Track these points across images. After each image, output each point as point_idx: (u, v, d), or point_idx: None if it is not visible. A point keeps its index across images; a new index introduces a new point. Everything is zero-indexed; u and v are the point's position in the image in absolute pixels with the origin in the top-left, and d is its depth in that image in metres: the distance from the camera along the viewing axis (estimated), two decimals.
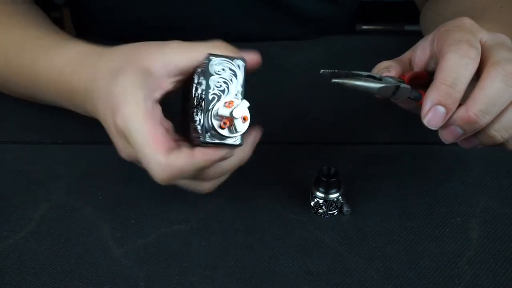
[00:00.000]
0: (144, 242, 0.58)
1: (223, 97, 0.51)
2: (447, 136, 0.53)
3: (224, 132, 0.51)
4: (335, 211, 0.60)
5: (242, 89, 0.52)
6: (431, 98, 0.50)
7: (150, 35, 0.55)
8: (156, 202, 0.61)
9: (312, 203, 0.60)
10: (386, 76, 0.54)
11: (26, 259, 0.56)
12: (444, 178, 0.64)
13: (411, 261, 0.56)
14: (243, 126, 0.51)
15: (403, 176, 0.64)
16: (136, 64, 0.53)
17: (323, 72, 0.52)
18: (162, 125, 0.52)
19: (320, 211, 0.60)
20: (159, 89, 0.53)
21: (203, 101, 0.51)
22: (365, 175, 0.64)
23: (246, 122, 0.51)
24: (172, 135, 0.54)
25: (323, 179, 0.59)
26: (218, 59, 0.52)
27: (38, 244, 0.57)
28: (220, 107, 0.50)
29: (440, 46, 0.52)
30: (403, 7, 1.19)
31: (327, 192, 0.59)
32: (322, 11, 0.89)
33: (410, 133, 0.69)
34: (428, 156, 0.67)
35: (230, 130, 0.51)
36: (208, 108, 0.51)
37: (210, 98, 0.51)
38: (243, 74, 0.52)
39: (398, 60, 0.57)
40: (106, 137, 0.56)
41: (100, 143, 0.66)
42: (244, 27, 0.86)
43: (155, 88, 0.53)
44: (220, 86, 0.51)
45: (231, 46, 0.54)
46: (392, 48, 0.64)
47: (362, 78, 0.52)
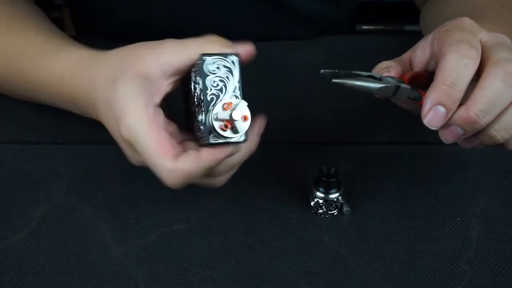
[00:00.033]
0: (144, 242, 0.58)
1: (222, 96, 0.51)
2: (448, 136, 0.53)
3: (226, 133, 0.50)
4: (335, 211, 0.60)
5: (239, 84, 0.52)
6: (431, 98, 0.50)
7: (150, 35, 0.55)
8: (156, 202, 0.61)
9: (312, 203, 0.60)
10: (386, 76, 0.54)
11: (26, 259, 0.56)
12: (444, 178, 0.64)
13: (411, 261, 0.56)
14: (244, 126, 0.51)
15: (403, 176, 0.64)
16: (133, 70, 0.53)
17: (323, 72, 0.52)
18: (166, 130, 0.52)
19: (320, 211, 0.60)
20: (158, 93, 0.53)
21: (203, 102, 0.51)
22: (365, 175, 0.64)
23: (247, 121, 0.51)
24: (177, 136, 0.54)
25: (323, 179, 0.59)
26: (212, 58, 0.51)
27: (38, 244, 0.57)
28: (219, 110, 0.50)
29: (440, 46, 0.52)
30: (403, 7, 1.19)
31: (327, 192, 0.59)
32: (322, 11, 0.89)
33: (410, 133, 0.69)
34: (428, 156, 0.67)
35: (232, 131, 0.51)
36: (208, 109, 0.51)
37: (209, 99, 0.51)
38: (238, 69, 0.52)
39: (398, 60, 0.57)
40: (106, 137, 0.56)
41: (100, 143, 0.66)
42: (244, 27, 0.86)
43: (154, 92, 0.53)
44: (217, 85, 0.51)
45: (225, 40, 0.53)
46: (392, 48, 0.64)
47: (362, 78, 0.52)
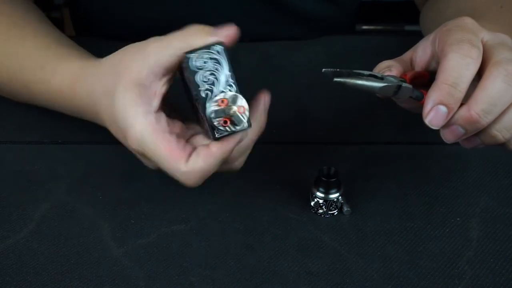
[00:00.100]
0: (144, 242, 0.58)
1: (215, 89, 0.51)
2: (449, 136, 0.53)
3: (227, 128, 0.51)
4: (335, 211, 0.60)
5: (230, 73, 0.51)
6: (433, 97, 0.50)
7: (150, 35, 0.55)
8: (156, 202, 0.61)
9: (312, 203, 0.60)
10: (388, 75, 0.54)
11: (26, 259, 0.56)
12: (444, 178, 0.64)
13: (411, 261, 0.56)
14: (243, 116, 0.50)
15: (403, 176, 0.64)
16: (126, 80, 0.53)
17: (325, 71, 0.52)
18: (172, 133, 0.52)
19: (320, 211, 0.60)
20: (154, 97, 0.53)
21: (199, 99, 0.51)
22: (365, 175, 0.64)
23: (245, 112, 0.51)
24: (184, 135, 0.55)
25: (323, 179, 0.59)
26: (195, 54, 0.50)
27: (38, 244, 0.57)
28: (214, 108, 0.50)
29: (442, 46, 0.52)
30: (403, 7, 1.19)
31: (327, 192, 0.59)
32: (322, 11, 0.89)
33: (410, 133, 0.69)
34: (428, 156, 0.67)
35: (232, 124, 0.50)
36: (205, 106, 0.51)
37: (204, 95, 0.51)
38: (225, 58, 0.51)
39: (399, 59, 0.57)
40: (106, 137, 0.56)
41: (100, 143, 0.66)
42: (244, 27, 0.85)
43: (151, 97, 0.53)
44: (208, 80, 0.51)
45: (207, 27, 0.52)
46: (392, 48, 0.64)
47: (364, 77, 0.52)
